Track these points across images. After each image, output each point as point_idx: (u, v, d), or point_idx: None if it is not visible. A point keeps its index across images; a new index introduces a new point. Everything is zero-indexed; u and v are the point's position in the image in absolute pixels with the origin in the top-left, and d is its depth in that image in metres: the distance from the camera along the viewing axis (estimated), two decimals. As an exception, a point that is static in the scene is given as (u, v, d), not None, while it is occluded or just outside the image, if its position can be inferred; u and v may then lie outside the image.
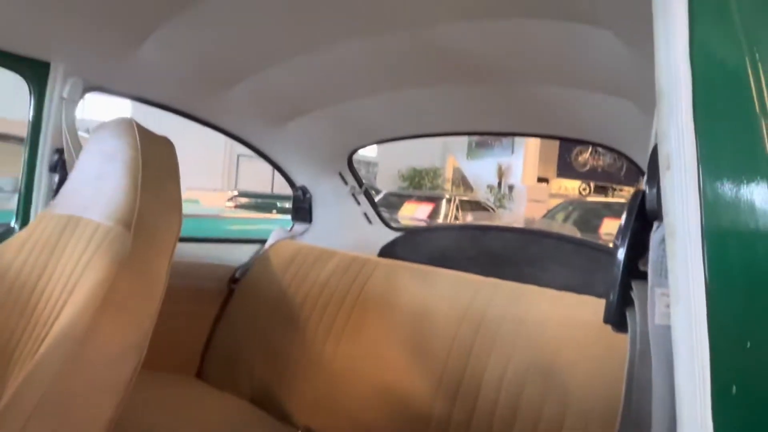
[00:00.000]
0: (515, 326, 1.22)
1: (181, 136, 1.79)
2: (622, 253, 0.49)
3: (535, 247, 1.76)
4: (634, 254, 0.48)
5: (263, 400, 1.54)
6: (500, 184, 13.07)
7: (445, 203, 7.90)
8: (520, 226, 7.63)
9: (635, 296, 0.46)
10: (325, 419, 1.40)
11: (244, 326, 1.71)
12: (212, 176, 10.61)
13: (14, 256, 1.12)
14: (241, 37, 1.22)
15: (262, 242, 1.97)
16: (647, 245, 0.44)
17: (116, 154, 1.04)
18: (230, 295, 1.83)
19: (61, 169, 1.30)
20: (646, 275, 0.43)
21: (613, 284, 0.50)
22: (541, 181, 13.20)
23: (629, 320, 0.48)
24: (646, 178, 0.45)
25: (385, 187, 10.97)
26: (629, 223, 0.48)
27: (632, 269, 0.48)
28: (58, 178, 1.31)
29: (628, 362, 0.48)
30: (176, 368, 1.68)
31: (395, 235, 2.13)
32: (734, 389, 0.30)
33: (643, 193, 0.47)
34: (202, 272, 1.80)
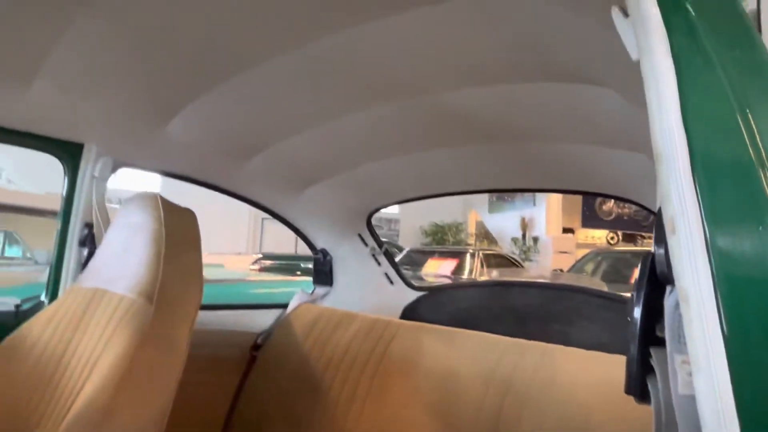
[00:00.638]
0: (544, 389, 1.16)
1: (207, 201, 1.86)
2: (637, 319, 0.47)
3: (561, 302, 1.71)
4: (649, 320, 0.46)
5: None
6: (524, 236, 12.91)
7: (469, 258, 7.80)
8: (547, 277, 7.44)
9: (655, 364, 0.44)
10: None
11: (267, 394, 1.67)
12: (237, 239, 10.81)
13: (42, 330, 1.15)
14: (261, 111, 1.29)
15: (283, 307, 1.97)
16: (662, 310, 0.43)
17: (141, 227, 1.08)
18: (252, 362, 1.81)
19: (90, 242, 1.35)
20: (664, 341, 0.42)
21: (630, 353, 0.48)
22: (566, 231, 13.00)
23: (651, 390, 0.45)
24: (654, 241, 0.45)
25: (407, 243, 10.95)
26: (641, 288, 0.47)
27: (649, 336, 0.46)
28: (87, 251, 1.36)
29: None
30: None
31: (418, 294, 2.10)
32: None
33: (652, 255, 0.46)
34: (223, 340, 1.80)
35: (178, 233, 1.10)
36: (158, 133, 1.37)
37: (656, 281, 0.44)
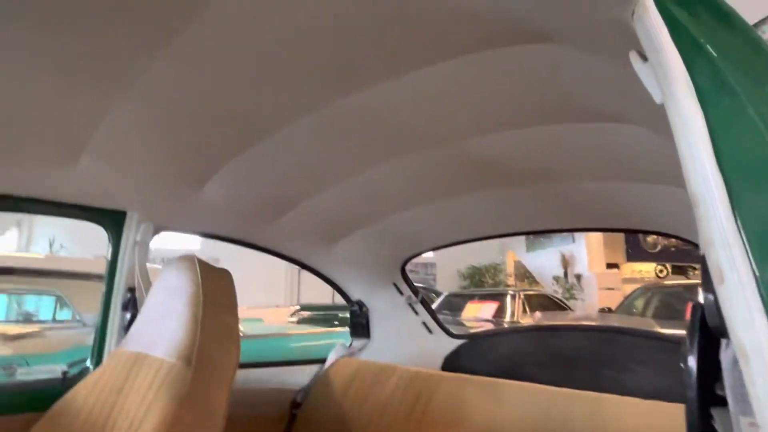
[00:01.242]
0: None
1: (244, 254, 1.90)
2: (692, 370, 0.43)
3: (612, 346, 1.61)
4: (707, 376, 0.42)
5: None
6: (566, 274, 12.46)
7: (509, 300, 7.55)
8: (594, 317, 7.08)
9: (719, 426, 0.40)
10: None
11: None
12: (275, 291, 10.89)
13: (87, 395, 1.16)
14: (290, 169, 1.32)
15: (321, 361, 1.94)
16: (719, 364, 0.39)
17: (179, 291, 1.10)
18: (292, 420, 1.78)
19: (132, 306, 1.39)
20: (725, 400, 0.38)
21: (690, 417, 0.44)
22: (610, 267, 12.47)
23: None
24: (701, 290, 0.41)
25: (444, 287, 10.75)
26: (693, 343, 0.43)
27: (709, 395, 0.42)
28: (129, 315, 1.39)
29: None
30: None
31: (458, 343, 2.03)
32: None
33: (702, 306, 0.42)
34: (262, 399, 1.78)
35: (214, 295, 1.12)
36: (194, 197, 1.43)
37: (709, 333, 0.41)
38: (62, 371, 1.37)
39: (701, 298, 0.41)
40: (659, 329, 3.74)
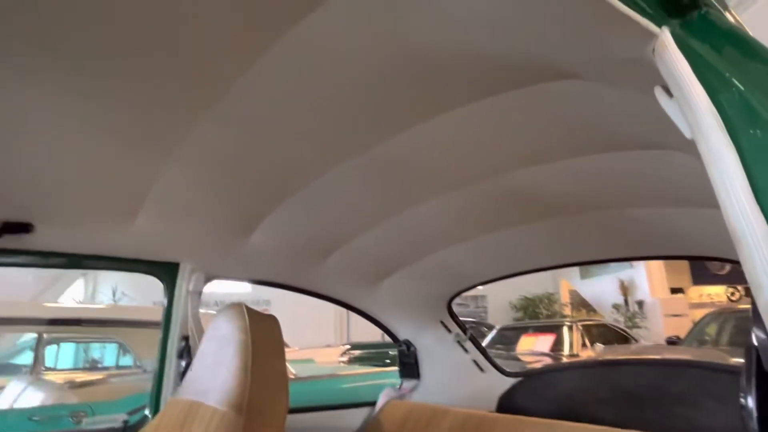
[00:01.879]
0: None
1: (294, 296, 1.94)
2: (753, 418, 0.40)
3: (683, 380, 1.50)
4: None
5: None
6: (627, 301, 11.78)
7: (566, 331, 7.20)
8: (662, 345, 6.60)
9: None
10: None
11: None
12: (325, 331, 10.93)
13: None
14: (333, 212, 1.36)
15: (372, 404, 1.92)
16: None
17: (229, 339, 1.13)
18: (345, 466, 1.75)
19: (186, 355, 1.44)
20: None
21: None
22: (674, 292, 11.71)
23: None
24: (753, 333, 0.39)
25: (496, 320, 10.42)
26: (750, 389, 0.40)
27: None
28: (184, 363, 1.44)
29: None
30: None
31: (512, 381, 1.96)
32: None
33: (756, 349, 0.40)
34: None
35: (263, 341, 1.14)
36: (242, 245, 1.48)
37: (766, 374, 0.38)
38: (123, 420, 1.42)
39: (754, 339, 0.39)
40: (736, 359, 3.44)
